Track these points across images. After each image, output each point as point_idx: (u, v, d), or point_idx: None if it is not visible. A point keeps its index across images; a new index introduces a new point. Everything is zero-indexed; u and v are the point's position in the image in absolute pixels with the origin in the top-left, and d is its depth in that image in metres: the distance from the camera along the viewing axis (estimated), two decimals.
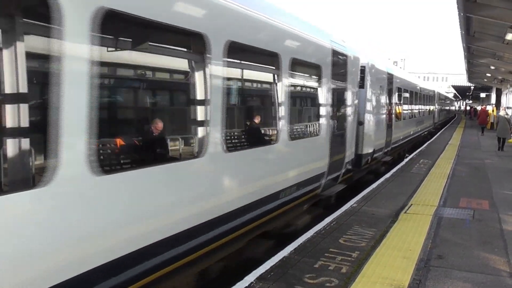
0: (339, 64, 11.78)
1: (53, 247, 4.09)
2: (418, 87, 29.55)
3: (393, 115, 19.43)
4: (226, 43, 6.40)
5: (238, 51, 6.92)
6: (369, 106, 15.22)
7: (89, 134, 4.34)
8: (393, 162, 19.86)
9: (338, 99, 11.83)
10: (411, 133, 26.01)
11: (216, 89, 6.25)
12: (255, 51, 7.67)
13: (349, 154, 12.96)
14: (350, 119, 12.91)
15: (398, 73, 21.74)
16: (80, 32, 4.25)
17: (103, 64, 4.66)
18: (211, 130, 6.23)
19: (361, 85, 14.25)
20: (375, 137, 15.83)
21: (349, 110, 12.85)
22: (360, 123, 14.20)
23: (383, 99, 17.36)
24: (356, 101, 13.57)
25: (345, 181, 12.97)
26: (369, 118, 15.14)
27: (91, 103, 4.32)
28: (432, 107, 38.47)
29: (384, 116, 17.60)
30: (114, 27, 4.94)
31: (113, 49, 5.24)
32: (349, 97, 12.76)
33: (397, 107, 20.91)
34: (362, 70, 14.37)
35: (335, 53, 11.21)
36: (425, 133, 34.04)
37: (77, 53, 4.25)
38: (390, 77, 18.63)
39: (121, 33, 5.27)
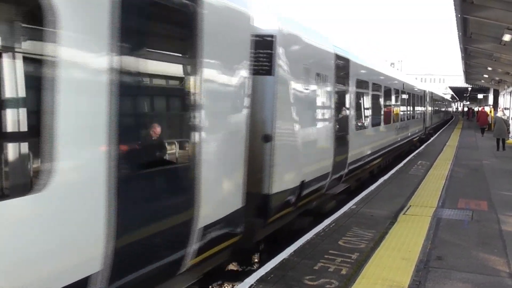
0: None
1: None
2: (400, 84, 22.37)
3: (353, 122, 13.32)
4: None
5: None
6: (283, 109, 8.41)
7: None
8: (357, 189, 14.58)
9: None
10: (388, 144, 19.05)
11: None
12: None
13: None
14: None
15: (362, 60, 15.16)
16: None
17: None
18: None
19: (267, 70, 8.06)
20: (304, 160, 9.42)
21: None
22: (266, 138, 7.93)
23: (325, 96, 10.71)
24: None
25: None
26: (286, 129, 8.63)
27: None
28: (422, 109, 32.51)
29: (329, 123, 11.01)
30: None
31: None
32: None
33: (360, 110, 14.88)
34: (269, 44, 8.07)
35: None
36: (414, 140, 28.54)
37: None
38: (344, 63, 12.35)
39: None
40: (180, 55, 5.85)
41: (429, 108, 37.68)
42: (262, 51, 7.92)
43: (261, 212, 7.96)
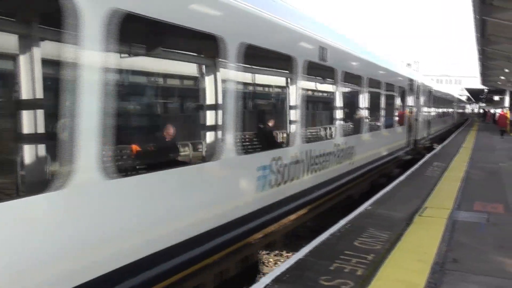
0: None
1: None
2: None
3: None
4: None
5: None
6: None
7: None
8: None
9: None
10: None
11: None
12: None
13: None
14: None
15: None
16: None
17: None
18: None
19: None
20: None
21: None
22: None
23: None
24: None
25: None
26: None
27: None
28: (408, 111, 20.76)
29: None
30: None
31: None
32: None
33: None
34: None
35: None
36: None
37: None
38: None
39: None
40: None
41: (428, 109, 27.68)
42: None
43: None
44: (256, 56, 7.47)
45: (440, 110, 36.75)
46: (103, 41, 4.36)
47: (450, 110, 47.13)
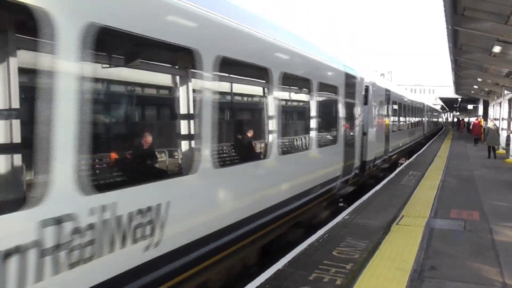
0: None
1: None
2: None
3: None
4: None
5: None
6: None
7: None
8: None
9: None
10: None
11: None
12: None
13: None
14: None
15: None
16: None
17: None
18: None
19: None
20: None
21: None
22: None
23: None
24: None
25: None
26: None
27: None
28: (344, 123, 13.69)
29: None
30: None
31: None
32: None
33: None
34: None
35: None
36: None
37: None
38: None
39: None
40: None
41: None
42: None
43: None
44: None
45: (406, 119, 29.54)
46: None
47: (420, 119, 39.80)
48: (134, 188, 4.99)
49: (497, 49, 20.29)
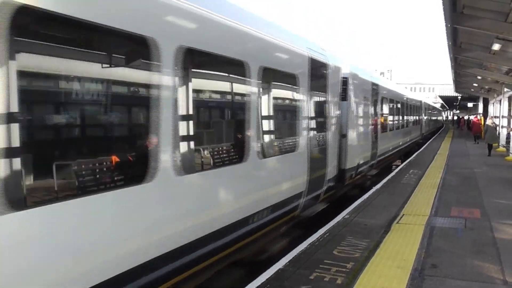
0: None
1: None
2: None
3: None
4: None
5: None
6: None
7: None
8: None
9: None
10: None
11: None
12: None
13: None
14: None
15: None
16: None
17: None
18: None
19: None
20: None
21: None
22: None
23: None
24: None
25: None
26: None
27: None
28: (306, 124, 10.51)
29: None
30: None
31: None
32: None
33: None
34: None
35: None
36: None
37: None
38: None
39: None
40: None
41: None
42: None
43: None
44: None
45: (400, 118, 26.30)
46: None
47: (417, 118, 36.03)
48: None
49: (496, 46, 20.24)
